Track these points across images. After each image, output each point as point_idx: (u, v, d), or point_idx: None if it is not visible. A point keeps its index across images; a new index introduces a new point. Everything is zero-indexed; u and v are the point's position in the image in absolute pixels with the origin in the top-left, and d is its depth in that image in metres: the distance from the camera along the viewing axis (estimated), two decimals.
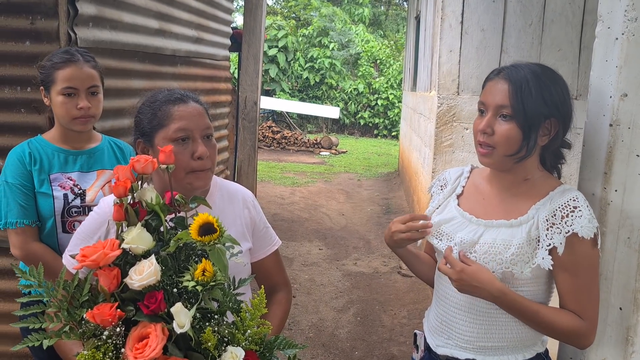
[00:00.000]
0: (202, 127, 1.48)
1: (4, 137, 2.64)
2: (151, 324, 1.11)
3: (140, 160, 1.27)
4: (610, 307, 1.50)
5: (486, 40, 4.15)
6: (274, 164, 11.82)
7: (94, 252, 1.14)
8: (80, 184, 2.04)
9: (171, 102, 1.48)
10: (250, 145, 6.50)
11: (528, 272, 1.41)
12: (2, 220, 1.96)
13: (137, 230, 1.20)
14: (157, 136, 1.46)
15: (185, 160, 1.44)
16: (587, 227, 1.36)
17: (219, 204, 1.61)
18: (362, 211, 7.99)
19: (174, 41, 4.00)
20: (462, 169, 1.68)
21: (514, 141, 1.41)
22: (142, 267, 1.15)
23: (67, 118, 1.97)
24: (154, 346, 1.07)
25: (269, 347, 1.25)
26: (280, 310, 1.69)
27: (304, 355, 3.72)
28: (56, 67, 1.95)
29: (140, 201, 1.27)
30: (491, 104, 1.44)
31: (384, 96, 18.43)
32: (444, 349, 1.57)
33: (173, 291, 1.17)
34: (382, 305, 4.62)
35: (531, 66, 1.43)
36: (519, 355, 1.50)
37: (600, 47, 1.51)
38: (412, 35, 9.02)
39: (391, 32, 21.77)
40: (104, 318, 1.10)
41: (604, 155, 1.48)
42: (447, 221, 1.56)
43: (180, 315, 1.09)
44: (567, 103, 1.43)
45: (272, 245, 1.72)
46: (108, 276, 1.15)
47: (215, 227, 1.16)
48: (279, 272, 1.76)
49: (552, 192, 1.45)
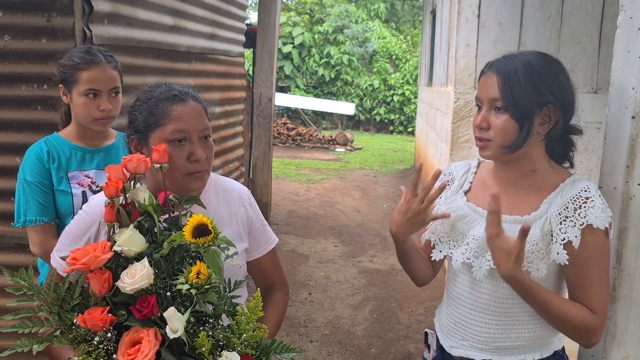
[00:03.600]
0: (199, 128, 1.41)
1: (20, 134, 2.66)
2: (144, 329, 1.08)
3: (133, 160, 1.23)
4: (633, 304, 1.46)
5: (503, 34, 4.09)
6: (289, 161, 11.82)
7: (85, 255, 1.11)
8: (98, 181, 2.05)
9: (169, 100, 1.40)
10: (265, 141, 6.50)
11: (544, 268, 1.37)
12: (21, 218, 1.97)
13: (129, 232, 1.16)
14: (152, 135, 1.39)
15: (182, 162, 1.38)
16: (601, 217, 1.32)
17: (213, 202, 1.55)
18: (378, 208, 7.96)
19: (189, 38, 4.00)
20: (469, 163, 1.64)
21: (511, 133, 1.38)
22: (134, 270, 1.11)
23: (87, 118, 1.99)
24: (147, 352, 1.05)
25: (265, 351, 1.21)
26: (276, 312, 1.63)
27: (320, 352, 3.71)
28: (79, 67, 1.95)
29: (132, 202, 1.23)
30: (485, 98, 1.42)
31: (400, 92, 18.33)
32: (458, 350, 1.53)
33: (166, 295, 1.13)
34: (399, 303, 4.60)
35: (524, 56, 1.40)
36: (536, 354, 1.47)
37: (622, 37, 1.47)
38: (428, 29, 8.95)
39: (407, 28, 21.64)
40: (94, 323, 1.07)
41: (626, 149, 1.44)
42: (459, 218, 1.52)
43: (173, 320, 1.06)
44: (564, 88, 1.38)
45: (269, 243, 1.66)
46: (99, 280, 1.12)
47: (209, 228, 1.13)
48: (276, 271, 1.70)
49: (562, 184, 1.41)
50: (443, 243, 1.56)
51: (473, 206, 1.52)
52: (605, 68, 4.01)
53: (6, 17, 2.61)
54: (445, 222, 1.55)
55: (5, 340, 2.84)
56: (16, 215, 1.98)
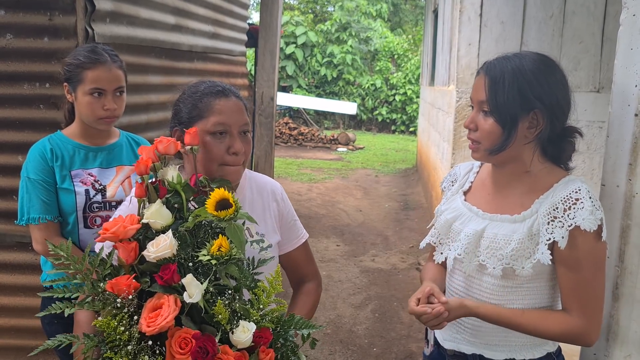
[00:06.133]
0: (240, 122, 1.48)
1: (23, 133, 2.67)
2: (165, 295, 1.15)
3: (163, 141, 1.32)
4: (635, 302, 1.46)
5: (506, 33, 4.09)
6: (290, 161, 11.82)
7: (114, 226, 1.19)
8: (101, 179, 2.05)
9: (213, 94, 1.47)
10: (267, 141, 6.50)
11: (529, 267, 1.38)
12: (24, 215, 1.97)
13: (156, 206, 1.24)
14: (195, 127, 1.45)
15: (220, 153, 1.44)
16: (588, 219, 1.31)
17: (249, 196, 1.61)
18: (380, 207, 7.95)
19: (191, 37, 4.01)
20: (472, 164, 1.66)
21: (495, 136, 1.39)
22: (159, 241, 1.19)
23: (92, 117, 1.99)
24: (166, 315, 1.11)
25: (285, 326, 1.25)
26: (309, 300, 1.69)
27: (322, 352, 3.71)
28: (84, 66, 1.96)
29: (162, 180, 1.30)
30: (475, 99, 1.44)
31: (402, 91, 18.31)
32: (451, 343, 1.56)
33: (189, 265, 1.20)
34: (401, 302, 4.59)
35: (518, 58, 1.39)
36: (528, 354, 1.47)
37: (624, 35, 1.46)
38: (430, 28, 8.94)
39: (409, 27, 21.62)
40: (120, 288, 1.14)
41: (629, 147, 1.43)
42: (455, 219, 1.54)
43: (191, 287, 1.12)
44: (553, 94, 1.37)
45: (300, 238, 1.72)
46: (126, 249, 1.19)
47: (231, 202, 1.19)
48: (308, 263, 1.76)
49: (556, 185, 1.41)
50: (443, 245, 1.59)
51: (469, 205, 1.54)
52: (608, 67, 4.00)
53: (8, 16, 2.62)
54: (444, 223, 1.57)
55: (6, 339, 2.85)
56: (19, 213, 1.99)
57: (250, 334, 1.14)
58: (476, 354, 1.50)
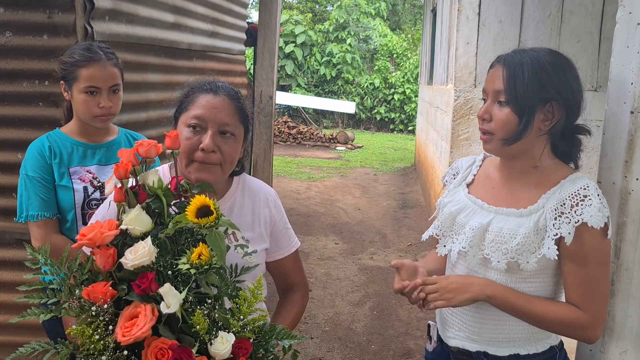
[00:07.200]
0: (219, 121, 1.43)
1: (22, 130, 2.67)
2: (142, 304, 1.11)
3: (144, 144, 1.28)
4: (631, 298, 1.47)
5: (504, 32, 4.10)
6: (289, 159, 11.82)
7: (92, 231, 1.15)
8: (99, 176, 2.06)
9: (202, 90, 1.48)
10: (266, 139, 6.50)
11: (534, 262, 1.38)
12: (23, 213, 1.98)
13: (136, 212, 1.20)
14: (180, 118, 1.48)
15: (191, 147, 1.41)
16: (596, 216, 1.32)
17: (239, 201, 1.59)
18: (378, 206, 7.96)
19: (190, 35, 4.01)
20: (474, 158, 1.66)
21: (512, 126, 1.39)
22: (137, 248, 1.15)
23: (88, 115, 2.00)
24: (142, 325, 1.08)
25: (266, 336, 1.22)
26: (293, 310, 1.65)
27: (320, 349, 3.72)
28: (79, 64, 1.96)
29: (142, 184, 1.26)
30: (490, 90, 1.44)
31: (401, 90, 18.32)
32: (455, 340, 1.56)
33: (168, 274, 1.16)
34: (399, 299, 4.60)
35: (534, 52, 1.40)
36: (531, 348, 1.48)
37: (621, 33, 1.47)
38: (429, 28, 8.95)
39: (408, 26, 21.62)
40: (95, 295, 1.11)
41: (625, 144, 1.45)
42: (459, 211, 1.54)
43: (168, 296, 1.08)
44: (570, 87, 1.39)
45: (291, 246, 1.69)
46: (104, 255, 1.16)
47: (212, 209, 1.15)
48: (297, 273, 1.72)
49: (563, 181, 1.41)
50: (446, 237, 1.58)
51: (473, 198, 1.54)
52: (606, 66, 4.01)
53: (7, 14, 2.62)
54: (448, 216, 1.56)
55: (6, 336, 2.85)
56: (18, 211, 1.99)
57: (229, 344, 1.11)
58: (480, 351, 1.50)
